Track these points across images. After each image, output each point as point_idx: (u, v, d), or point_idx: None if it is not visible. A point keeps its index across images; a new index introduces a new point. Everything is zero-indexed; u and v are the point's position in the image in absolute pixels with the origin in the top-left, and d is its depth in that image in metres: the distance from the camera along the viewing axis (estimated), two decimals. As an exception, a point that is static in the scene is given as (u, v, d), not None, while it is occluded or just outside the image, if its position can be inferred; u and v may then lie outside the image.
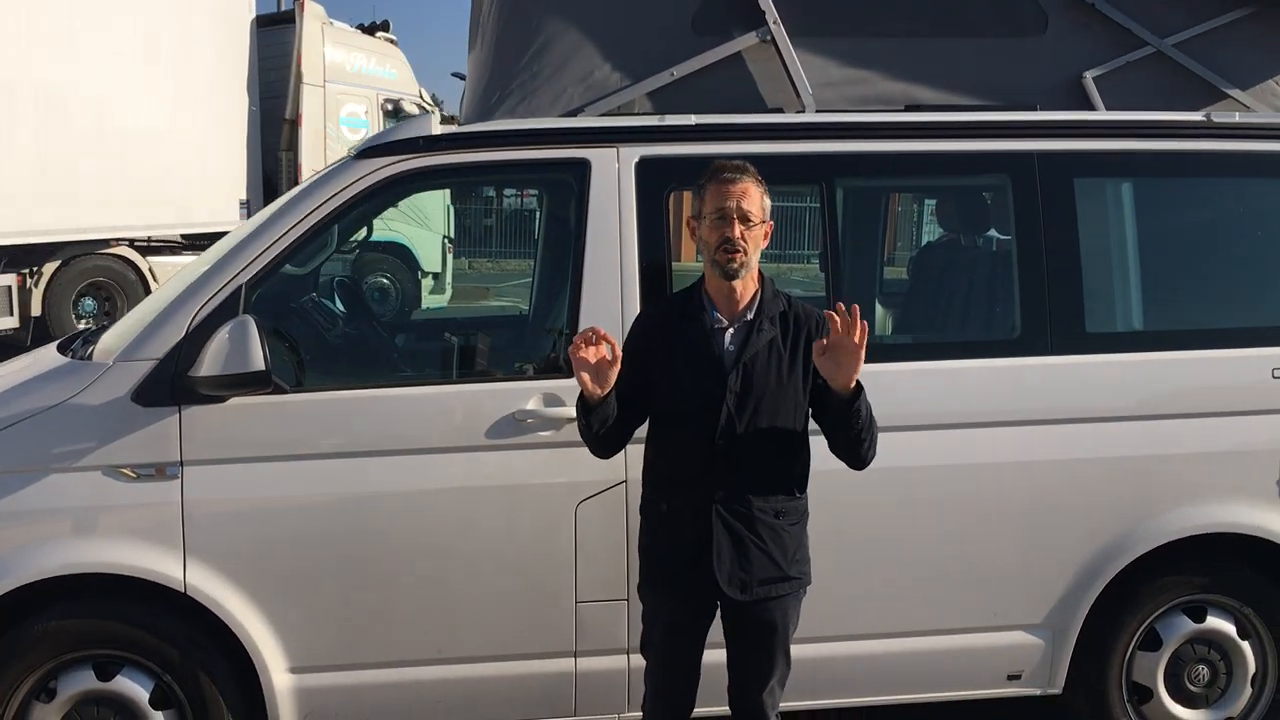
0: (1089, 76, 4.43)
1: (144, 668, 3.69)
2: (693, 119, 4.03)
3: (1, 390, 3.83)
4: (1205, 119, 4.24)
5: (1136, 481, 4.01)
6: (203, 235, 12.57)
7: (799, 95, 4.29)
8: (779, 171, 3.51)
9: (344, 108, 14.43)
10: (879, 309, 4.92)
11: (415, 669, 3.83)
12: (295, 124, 13.93)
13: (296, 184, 8.78)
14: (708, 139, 3.96)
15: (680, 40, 4.32)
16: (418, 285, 14.85)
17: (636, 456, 3.44)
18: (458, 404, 3.81)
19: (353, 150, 4.15)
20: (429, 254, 15.11)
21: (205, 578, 3.64)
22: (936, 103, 4.34)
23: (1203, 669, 4.18)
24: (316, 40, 14.06)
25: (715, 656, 3.41)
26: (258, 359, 3.51)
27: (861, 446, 3.27)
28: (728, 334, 3.27)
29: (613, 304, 3.80)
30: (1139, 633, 4.14)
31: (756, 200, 3.23)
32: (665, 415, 3.31)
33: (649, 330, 3.39)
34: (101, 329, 4.39)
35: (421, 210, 14.72)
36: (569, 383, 3.69)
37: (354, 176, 3.83)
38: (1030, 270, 4.03)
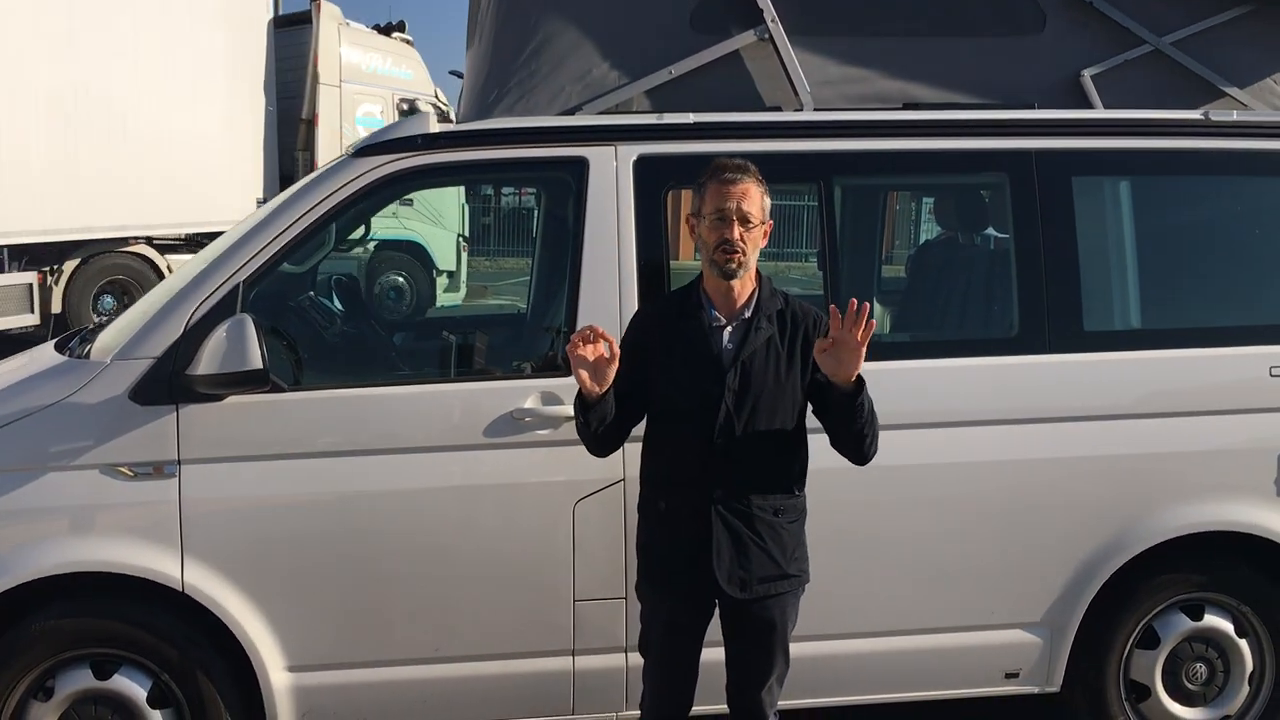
0: (1087, 75, 4.43)
1: (142, 666, 3.69)
2: (691, 117, 4.02)
3: (-1, 389, 3.82)
4: (1203, 117, 4.24)
5: (1134, 479, 4.01)
6: (220, 234, 12.60)
7: (797, 94, 4.29)
8: (777, 170, 3.51)
9: (360, 108, 14.47)
10: (877, 308, 4.91)
11: (413, 668, 3.83)
12: (311, 124, 13.99)
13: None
14: (706, 137, 3.96)
15: (678, 38, 4.31)
16: (433, 283, 14.91)
17: (634, 455, 3.44)
18: (456, 402, 3.80)
19: (350, 148, 4.15)
20: (444, 252, 15.17)
21: (203, 576, 3.63)
22: (934, 101, 4.34)
23: (1200, 667, 4.18)
24: (333, 41, 14.13)
25: (713, 655, 3.40)
26: (255, 358, 3.51)
27: (864, 442, 3.26)
28: (726, 332, 3.27)
29: (611, 302, 3.80)
30: (1137, 631, 4.13)
31: (756, 201, 3.23)
32: (663, 414, 3.31)
33: (646, 328, 3.38)
34: (99, 327, 4.38)
35: (436, 209, 14.80)
36: (567, 381, 3.69)
37: (351, 175, 3.83)
38: (1028, 268, 4.03)
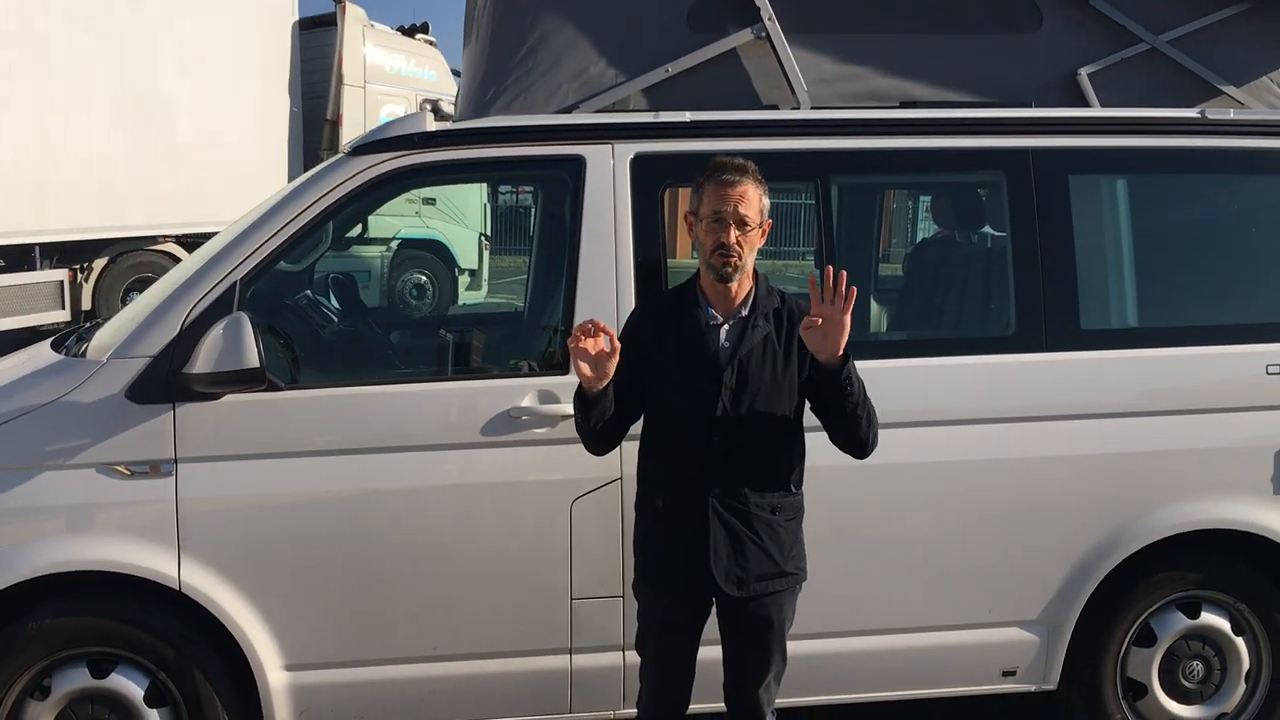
0: (1084, 73, 4.43)
1: (139, 665, 3.68)
2: (688, 116, 4.02)
3: (-4, 388, 3.82)
4: (1200, 115, 4.24)
5: (1131, 477, 4.01)
6: None
7: (794, 92, 4.29)
8: (774, 168, 3.50)
9: (384, 108, 14.52)
10: (874, 306, 4.92)
11: (410, 666, 3.82)
12: (336, 124, 14.07)
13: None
14: (703, 136, 3.96)
15: (675, 37, 4.31)
16: (455, 282, 14.96)
17: (631, 453, 3.43)
18: (453, 401, 3.80)
19: (347, 146, 4.14)
20: (466, 251, 15.21)
21: (200, 575, 3.63)
22: (931, 99, 4.34)
23: (1197, 665, 4.18)
24: (357, 42, 14.23)
25: (711, 653, 3.40)
26: (252, 356, 3.51)
27: (859, 427, 3.23)
28: (722, 330, 3.27)
29: (608, 301, 3.79)
30: (1134, 629, 4.14)
31: (754, 204, 3.21)
32: (660, 412, 3.31)
33: (643, 326, 3.38)
34: (95, 326, 4.38)
35: (458, 208, 14.85)
36: (564, 379, 3.69)
37: (348, 173, 3.82)
38: (1025, 267, 4.04)
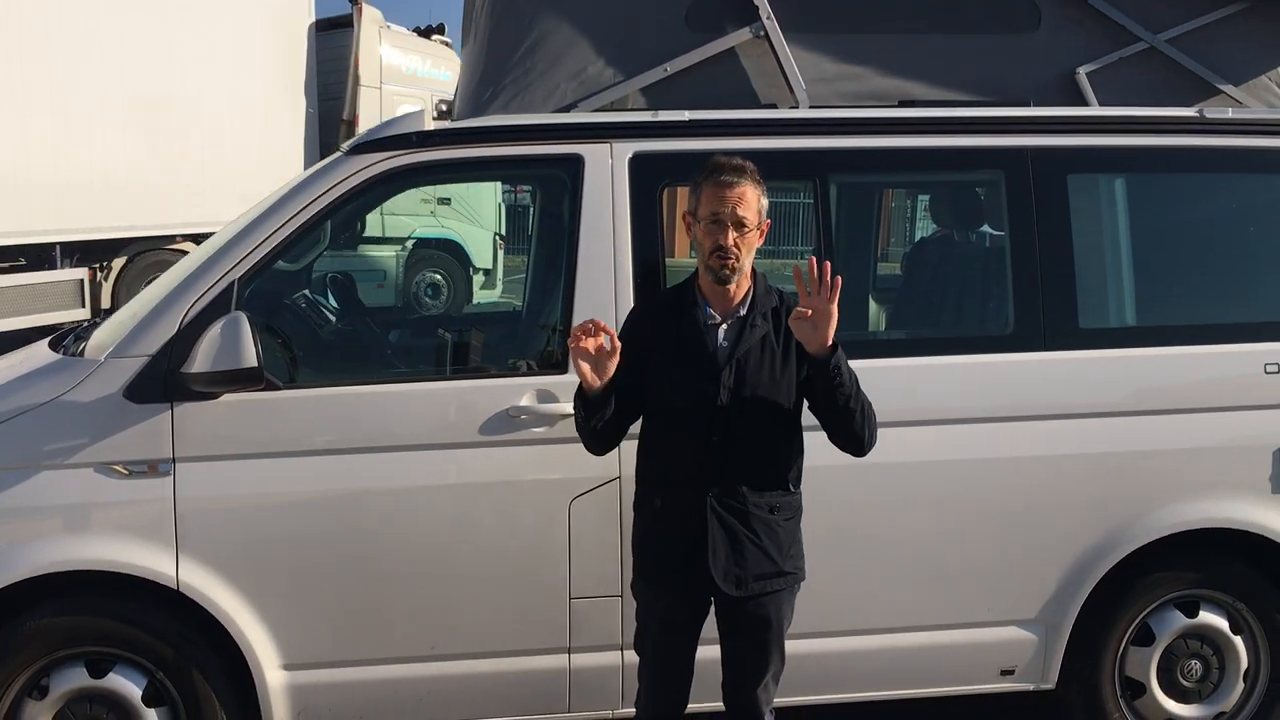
0: (1082, 72, 4.43)
1: (137, 665, 3.68)
2: (686, 115, 4.02)
3: (-7, 387, 3.81)
4: (1198, 114, 4.24)
5: (1129, 477, 4.02)
6: None
7: (793, 91, 4.29)
8: (773, 167, 3.49)
9: (399, 109, 14.43)
10: (873, 305, 4.92)
11: (408, 666, 3.82)
12: (352, 124, 14.08)
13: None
14: (701, 135, 3.95)
15: (674, 36, 4.31)
16: (470, 281, 15.02)
17: (630, 452, 3.43)
18: (451, 400, 3.80)
19: (346, 146, 4.14)
20: (480, 250, 15.26)
21: (198, 574, 3.63)
22: (930, 98, 4.34)
23: (1195, 664, 4.19)
24: (373, 43, 14.26)
25: (709, 652, 3.40)
26: (250, 356, 3.50)
27: (854, 422, 3.21)
28: (721, 330, 3.27)
29: (606, 300, 3.79)
30: (1132, 628, 4.14)
31: (753, 205, 3.20)
32: (659, 411, 3.31)
33: (642, 325, 3.37)
34: (93, 325, 4.37)
35: (473, 207, 14.89)
36: (563, 379, 3.69)
37: (347, 172, 3.82)
38: (1024, 266, 4.03)
